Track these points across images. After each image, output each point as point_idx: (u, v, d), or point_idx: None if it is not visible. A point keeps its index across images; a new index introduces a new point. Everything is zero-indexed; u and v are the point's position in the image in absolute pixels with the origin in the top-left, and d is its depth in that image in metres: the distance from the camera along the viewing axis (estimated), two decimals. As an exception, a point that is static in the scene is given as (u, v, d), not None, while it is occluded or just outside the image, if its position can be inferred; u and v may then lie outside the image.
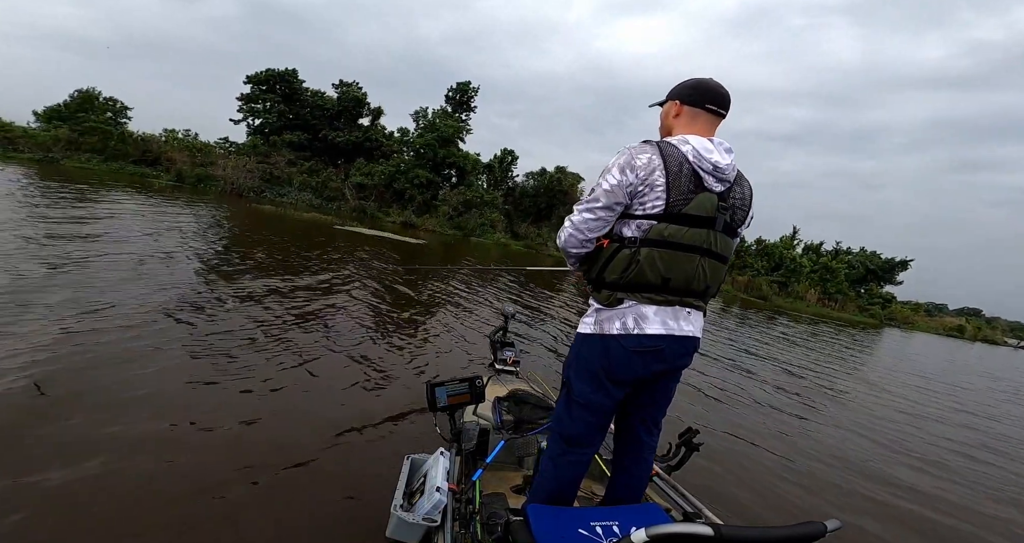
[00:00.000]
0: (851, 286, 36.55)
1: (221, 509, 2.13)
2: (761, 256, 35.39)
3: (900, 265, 38.80)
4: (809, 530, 0.83)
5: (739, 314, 18.24)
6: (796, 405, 5.87)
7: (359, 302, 6.43)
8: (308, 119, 28.85)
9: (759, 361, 8.42)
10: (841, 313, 32.80)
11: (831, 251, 38.83)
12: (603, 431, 1.58)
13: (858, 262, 38.46)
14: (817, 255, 37.25)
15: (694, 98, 1.49)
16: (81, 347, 3.36)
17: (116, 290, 4.78)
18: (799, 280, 33.41)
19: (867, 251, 39.97)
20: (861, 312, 34.89)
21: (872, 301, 36.87)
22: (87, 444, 2.35)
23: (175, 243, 7.85)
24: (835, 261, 36.29)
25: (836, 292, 34.55)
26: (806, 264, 34.40)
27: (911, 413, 6.61)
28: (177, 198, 16.03)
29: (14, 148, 21.38)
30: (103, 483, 2.11)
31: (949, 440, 5.55)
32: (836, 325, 22.98)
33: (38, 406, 2.60)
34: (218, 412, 2.94)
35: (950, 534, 3.22)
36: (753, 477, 3.50)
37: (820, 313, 29.75)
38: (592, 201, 1.43)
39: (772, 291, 31.47)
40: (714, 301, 19.79)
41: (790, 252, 35.56)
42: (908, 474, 4.15)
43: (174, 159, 24.10)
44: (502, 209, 28.59)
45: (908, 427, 5.79)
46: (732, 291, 30.06)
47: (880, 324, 33.30)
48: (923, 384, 9.70)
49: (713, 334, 10.38)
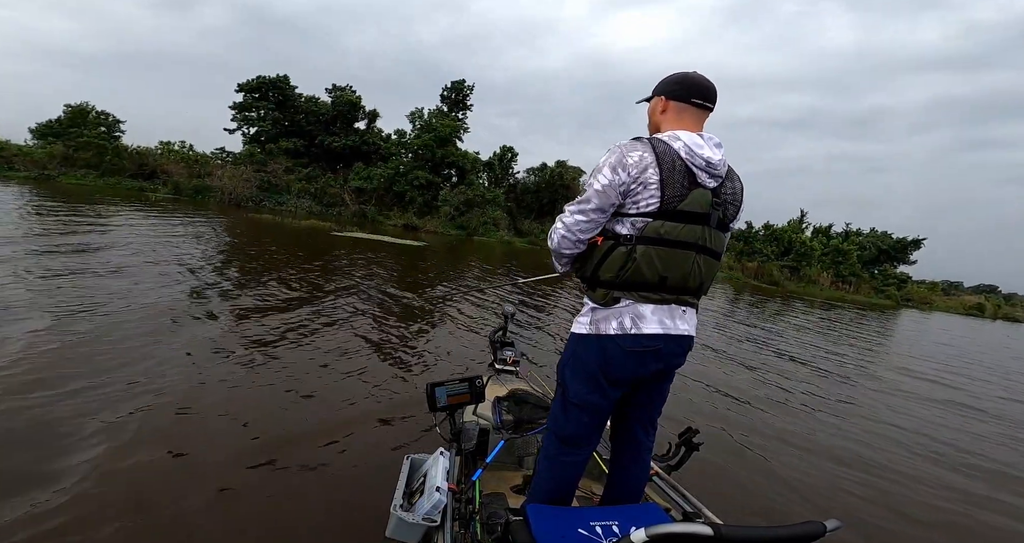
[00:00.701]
0: (864, 267, 36.29)
1: (220, 509, 2.16)
2: (770, 241, 35.22)
3: (913, 244, 38.49)
4: (809, 530, 0.83)
5: (751, 301, 17.84)
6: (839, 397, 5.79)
7: (358, 307, 6.45)
8: (303, 125, 29.04)
9: (786, 354, 8.35)
10: (856, 295, 32.61)
11: (841, 233, 38.56)
12: (599, 431, 1.58)
13: (869, 243, 38.21)
14: (827, 238, 37.01)
15: (680, 93, 1.47)
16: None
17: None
18: (810, 264, 33.22)
19: (878, 232, 39.69)
20: (877, 293, 34.66)
21: (887, 282, 36.60)
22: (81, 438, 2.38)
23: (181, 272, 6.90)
24: (846, 243, 36.02)
25: (850, 274, 34.34)
26: (817, 247, 34.17)
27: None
28: (173, 211, 15.96)
29: (10, 166, 21.67)
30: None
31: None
32: (855, 310, 22.68)
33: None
34: (218, 412, 2.99)
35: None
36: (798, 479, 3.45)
37: (834, 297, 29.58)
38: (584, 202, 1.40)
39: (783, 276, 31.33)
40: (722, 291, 19.79)
41: (799, 236, 35.35)
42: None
43: (170, 172, 24.32)
44: (504, 206, 28.64)
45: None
46: (742, 278, 29.94)
47: (897, 305, 33.05)
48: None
49: (728, 329, 10.27)
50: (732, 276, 29.65)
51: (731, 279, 28.56)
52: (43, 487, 2.12)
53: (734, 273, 30.59)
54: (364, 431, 3.08)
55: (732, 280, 28.27)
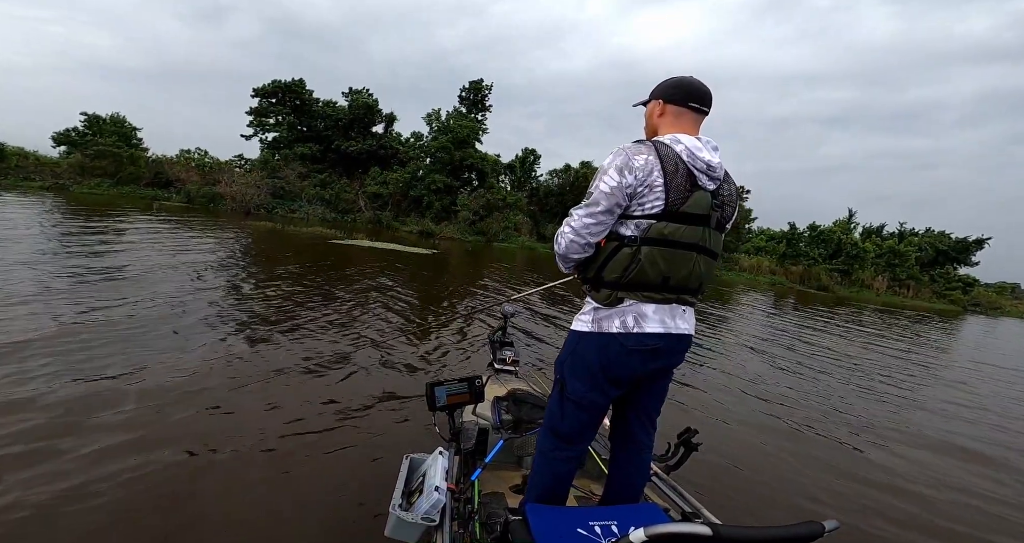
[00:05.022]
0: (922, 270, 35.02)
1: (219, 507, 2.29)
2: (816, 243, 34.31)
3: (975, 244, 36.93)
4: (807, 530, 0.86)
5: (809, 313, 16.61)
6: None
7: (356, 313, 6.63)
8: (320, 130, 29.74)
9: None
10: (916, 301, 31.45)
11: (895, 233, 37.33)
12: (595, 428, 1.65)
13: (926, 244, 36.84)
14: (881, 238, 35.88)
15: (677, 97, 1.55)
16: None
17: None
18: (863, 267, 32.23)
19: (934, 231, 38.29)
20: (939, 298, 33.39)
21: (951, 285, 35.20)
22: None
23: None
24: (903, 244, 34.84)
25: (907, 278, 33.18)
26: (870, 249, 33.13)
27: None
28: (168, 220, 15.50)
29: (24, 177, 22.85)
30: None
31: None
32: (916, 316, 21.67)
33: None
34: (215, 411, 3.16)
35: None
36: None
37: (892, 302, 28.57)
38: (592, 204, 1.47)
39: (833, 280, 30.46)
40: (763, 297, 19.31)
41: (849, 236, 34.36)
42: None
43: (183, 179, 25.24)
44: (527, 211, 28.70)
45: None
46: (786, 283, 29.18)
47: (963, 310, 31.72)
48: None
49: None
50: (775, 281, 28.95)
51: (774, 284, 27.87)
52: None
53: (777, 278, 29.90)
54: (363, 431, 3.22)
55: (776, 286, 27.57)
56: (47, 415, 2.90)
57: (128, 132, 29.64)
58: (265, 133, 30.14)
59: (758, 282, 27.48)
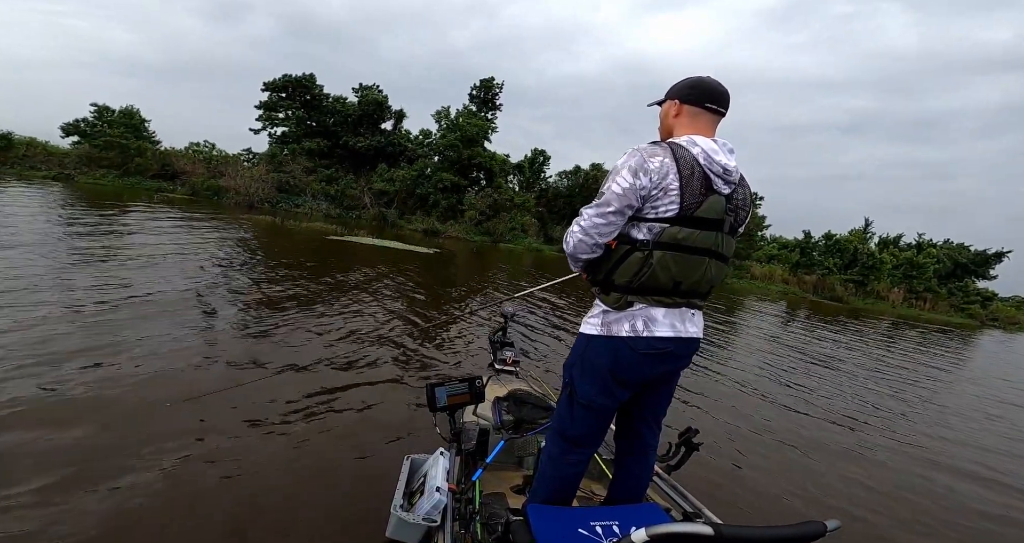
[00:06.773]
0: (939, 283, 34.71)
1: (219, 507, 2.33)
2: (831, 252, 34.06)
3: (995, 257, 36.53)
4: (809, 530, 0.88)
5: (823, 324, 16.43)
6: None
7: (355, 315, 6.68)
8: (329, 125, 29.87)
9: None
10: (933, 313, 31.17)
11: (913, 244, 37.01)
12: (604, 432, 1.68)
13: (944, 256, 36.46)
14: (898, 249, 35.59)
15: (693, 97, 1.55)
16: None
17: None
18: (879, 278, 31.97)
19: (953, 243, 37.91)
20: (957, 311, 33.06)
21: (969, 299, 34.84)
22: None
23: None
24: (921, 255, 34.55)
25: (925, 290, 32.88)
26: (887, 259, 32.85)
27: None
28: (165, 211, 15.41)
29: (30, 166, 23.10)
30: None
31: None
32: (935, 330, 21.55)
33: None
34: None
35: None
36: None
37: (909, 315, 28.29)
38: (603, 204, 1.46)
39: (847, 291, 30.24)
40: (774, 305, 19.18)
41: (865, 246, 34.10)
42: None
43: (189, 172, 25.46)
44: (535, 212, 28.68)
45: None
46: (799, 293, 28.99)
47: (981, 325, 31.39)
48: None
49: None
50: (788, 290, 28.76)
51: (786, 294, 27.69)
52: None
53: (790, 287, 29.71)
54: (363, 431, 3.27)
55: (789, 295, 27.38)
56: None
57: (138, 124, 29.73)
58: (274, 127, 30.25)
59: (769, 291, 27.30)
